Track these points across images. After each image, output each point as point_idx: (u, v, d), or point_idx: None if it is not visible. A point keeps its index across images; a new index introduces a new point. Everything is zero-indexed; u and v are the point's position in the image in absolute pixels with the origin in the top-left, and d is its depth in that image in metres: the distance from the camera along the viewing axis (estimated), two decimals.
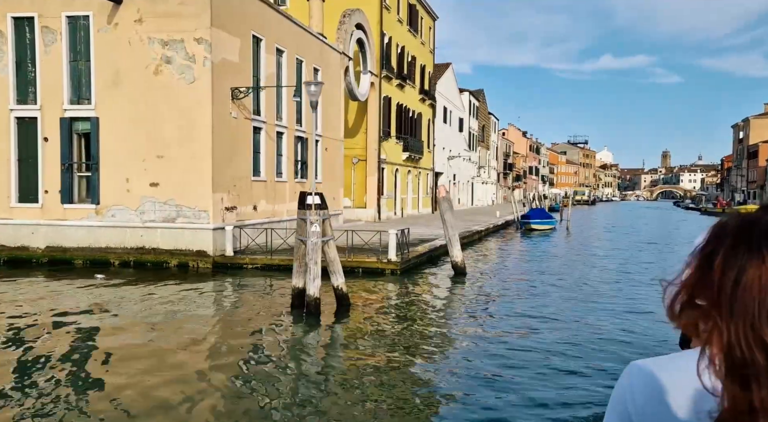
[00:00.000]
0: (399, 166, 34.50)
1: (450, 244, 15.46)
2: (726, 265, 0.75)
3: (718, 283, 0.75)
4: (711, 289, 0.76)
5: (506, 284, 15.06)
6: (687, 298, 0.79)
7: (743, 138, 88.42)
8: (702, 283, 0.78)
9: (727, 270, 0.75)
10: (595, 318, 11.11)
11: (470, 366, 8.01)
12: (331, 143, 24.14)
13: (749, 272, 0.73)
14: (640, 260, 21.26)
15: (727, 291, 0.74)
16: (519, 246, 25.66)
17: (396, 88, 33.48)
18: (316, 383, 7.32)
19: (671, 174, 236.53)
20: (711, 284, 0.76)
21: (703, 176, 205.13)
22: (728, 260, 0.75)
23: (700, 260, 0.80)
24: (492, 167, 73.83)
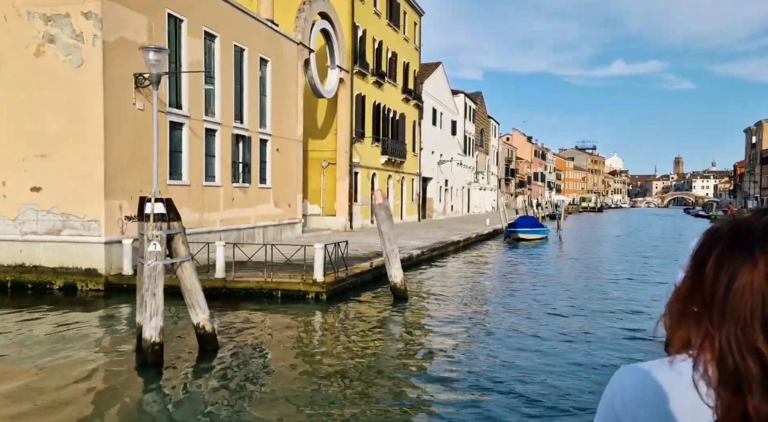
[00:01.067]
0: (377, 170, 31.78)
1: (387, 262, 12.67)
2: (718, 269, 0.74)
3: (710, 288, 0.74)
4: (703, 294, 0.74)
5: (454, 313, 12.09)
6: (680, 306, 0.77)
7: (756, 143, 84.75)
8: (694, 289, 0.76)
9: (719, 275, 0.73)
10: (572, 380, 7.70)
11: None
12: (285, 144, 21.48)
13: (742, 276, 0.71)
14: (634, 277, 18.34)
15: (720, 296, 0.72)
16: (496, 260, 22.76)
17: (373, 87, 30.82)
18: None
19: (683, 180, 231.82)
20: (703, 290, 0.75)
21: (716, 182, 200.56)
22: (721, 265, 0.74)
23: (693, 265, 0.78)
24: (492, 173, 70.92)
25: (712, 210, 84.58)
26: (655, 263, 22.51)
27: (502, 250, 26.86)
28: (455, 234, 27.53)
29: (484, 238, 30.83)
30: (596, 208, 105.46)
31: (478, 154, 62.34)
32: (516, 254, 25.04)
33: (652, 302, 13.35)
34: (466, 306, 12.75)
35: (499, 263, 21.15)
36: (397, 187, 35.37)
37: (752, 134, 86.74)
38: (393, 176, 34.39)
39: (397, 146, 34.45)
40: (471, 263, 20.76)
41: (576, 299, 13.76)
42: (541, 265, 21.46)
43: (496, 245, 29.23)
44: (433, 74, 42.84)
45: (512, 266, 20.75)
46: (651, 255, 26.00)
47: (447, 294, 14.11)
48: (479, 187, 61.18)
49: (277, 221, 20.82)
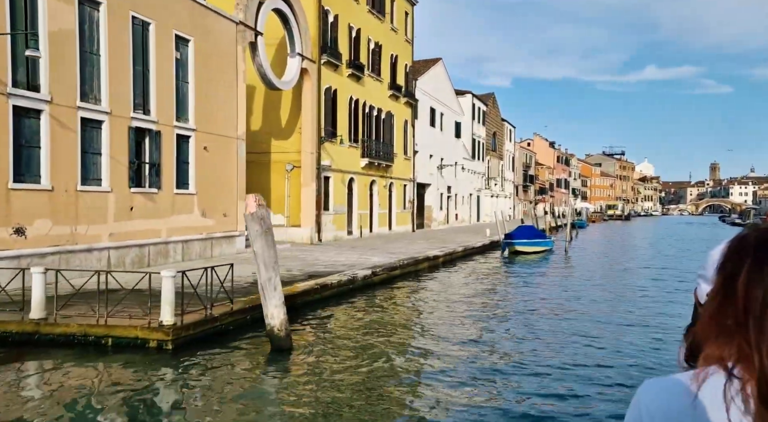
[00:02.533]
0: (355, 174, 28.05)
1: (263, 297, 8.87)
2: (751, 285, 0.71)
3: (744, 305, 0.71)
4: (736, 311, 0.72)
5: (352, 378, 8.15)
6: (712, 323, 0.74)
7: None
8: (725, 306, 0.73)
9: (752, 291, 0.71)
10: None
11: None
12: (218, 141, 17.95)
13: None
14: (649, 311, 14.15)
15: (756, 313, 0.69)
16: (473, 282, 18.55)
17: (349, 80, 27.17)
18: None
19: (719, 187, 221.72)
20: (736, 306, 0.72)
21: (755, 188, 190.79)
22: (753, 280, 0.71)
23: (721, 279, 0.75)
24: (507, 179, 66.48)
25: (749, 218, 78.16)
26: (672, 286, 18.17)
27: (492, 267, 22.75)
28: (438, 248, 23.57)
29: (476, 252, 26.73)
30: (623, 216, 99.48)
31: (489, 159, 58.11)
32: (506, 273, 20.92)
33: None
34: (375, 364, 8.80)
35: (474, 288, 17.11)
36: (383, 194, 31.56)
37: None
38: (378, 181, 30.60)
39: (382, 148, 30.68)
40: (434, 289, 16.75)
41: (560, 358, 9.37)
42: (530, 291, 17.31)
43: (488, 260, 25.12)
44: (430, 71, 39.00)
45: (489, 292, 16.67)
46: (669, 275, 21.58)
47: (359, 342, 10.08)
48: (491, 194, 56.87)
49: (205, 234, 17.25)
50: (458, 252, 24.24)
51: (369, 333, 10.62)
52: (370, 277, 15.93)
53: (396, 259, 18.91)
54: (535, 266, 23.50)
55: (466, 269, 21.42)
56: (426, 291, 15.96)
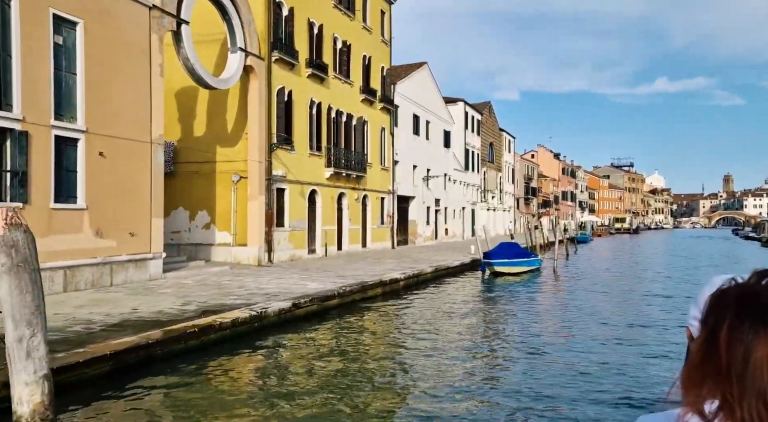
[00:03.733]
0: (318, 186, 24.95)
1: (10, 368, 5.70)
2: (732, 341, 0.73)
3: (727, 359, 0.73)
4: (719, 365, 0.73)
5: None
6: (695, 373, 0.76)
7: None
8: (708, 358, 0.75)
9: (734, 346, 0.72)
10: None
11: None
12: (121, 146, 14.94)
13: (758, 349, 0.71)
14: (643, 354, 10.78)
15: (738, 369, 0.71)
16: (431, 318, 15.07)
17: (309, 81, 24.19)
18: None
19: (733, 199, 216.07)
20: (719, 360, 0.74)
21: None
22: (734, 336, 0.73)
23: (704, 334, 0.77)
24: (507, 192, 63.12)
25: (763, 231, 73.71)
26: (674, 320, 14.74)
27: (464, 293, 19.38)
28: (400, 270, 20.31)
29: (453, 272, 23.41)
30: (631, 229, 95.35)
31: (486, 170, 54.88)
32: (476, 302, 17.53)
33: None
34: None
35: (425, 327, 13.80)
36: (355, 207, 28.40)
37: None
38: (348, 193, 27.47)
39: (354, 157, 27.60)
40: (373, 328, 13.42)
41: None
42: (497, 329, 13.98)
43: (464, 283, 21.78)
44: (413, 75, 36.00)
45: (443, 333, 13.35)
46: (671, 306, 18.11)
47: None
48: (487, 207, 53.51)
49: (101, 258, 14.18)
50: (426, 274, 20.94)
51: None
52: (290, 310, 12.72)
53: (339, 285, 15.69)
54: (514, 290, 20.11)
55: (432, 296, 18.11)
56: (358, 332, 12.68)
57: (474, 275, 23.83)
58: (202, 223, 21.81)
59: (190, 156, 21.64)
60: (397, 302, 16.55)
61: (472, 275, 23.86)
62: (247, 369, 9.39)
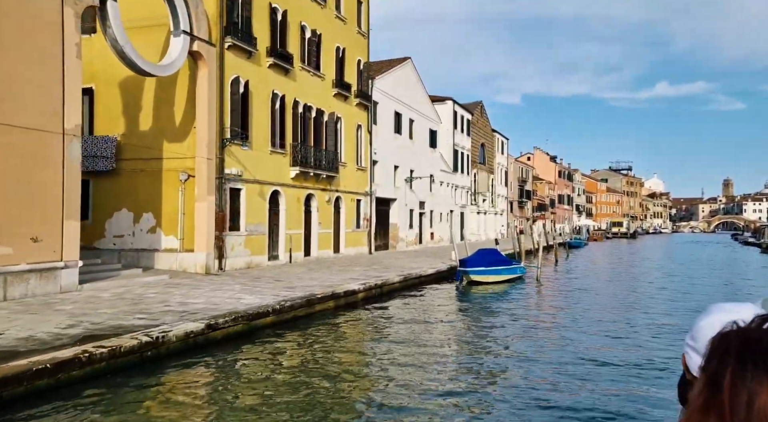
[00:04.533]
0: (281, 186, 22.83)
1: None
2: (734, 387, 0.72)
3: (730, 406, 0.72)
4: (722, 412, 0.72)
5: None
6: (698, 419, 0.75)
7: None
8: (710, 405, 0.74)
9: (736, 393, 0.72)
10: None
11: None
12: (19, 137, 12.80)
13: (761, 397, 0.70)
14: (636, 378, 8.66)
15: (741, 416, 0.71)
16: (381, 337, 12.84)
17: (271, 72, 22.10)
18: None
19: (733, 203, 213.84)
20: (721, 406, 0.73)
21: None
22: (736, 382, 0.72)
23: (705, 379, 0.76)
24: (499, 195, 61.00)
25: (763, 236, 71.41)
26: (666, 347, 12.59)
27: (433, 305, 17.21)
28: (362, 280, 18.15)
29: (423, 281, 21.26)
30: (628, 234, 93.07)
31: (477, 172, 52.77)
32: (432, 321, 15.31)
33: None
34: None
35: (359, 352, 11.65)
36: (326, 210, 26.27)
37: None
38: (317, 195, 25.34)
39: (325, 156, 25.48)
40: (307, 354, 11.29)
41: None
42: (464, 352, 11.85)
43: (437, 293, 19.63)
44: (395, 71, 33.91)
45: (372, 362, 11.21)
46: (665, 327, 15.95)
47: None
48: (477, 210, 51.36)
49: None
50: (393, 284, 18.78)
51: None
52: (203, 333, 10.59)
53: (280, 299, 13.55)
54: (486, 305, 17.93)
55: (390, 312, 15.95)
56: (274, 365, 10.51)
57: (450, 284, 21.69)
58: (147, 226, 19.70)
59: (134, 152, 19.55)
60: (348, 318, 14.38)
61: (448, 284, 21.72)
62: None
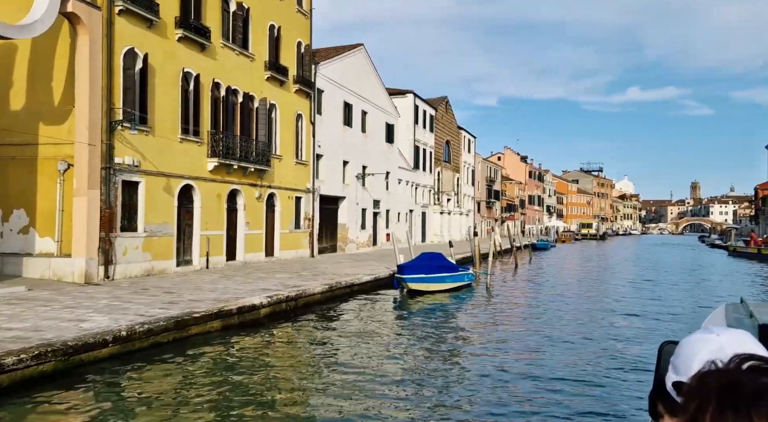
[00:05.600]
0: (196, 180, 19.56)
1: None
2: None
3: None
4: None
5: None
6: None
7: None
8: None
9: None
10: None
11: None
12: None
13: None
14: None
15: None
16: (235, 374, 9.71)
17: (182, 46, 18.81)
18: None
19: (700, 206, 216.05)
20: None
21: (735, 207, 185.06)
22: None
23: (686, 421, 0.77)
24: (466, 195, 58.37)
25: (730, 239, 70.19)
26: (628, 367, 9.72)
27: (345, 323, 14.15)
28: (273, 291, 14.99)
29: (357, 291, 18.20)
30: (598, 235, 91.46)
31: (441, 170, 49.99)
32: (342, 345, 12.25)
33: None
34: None
35: (222, 393, 8.58)
36: (256, 208, 23.04)
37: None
38: (243, 191, 22.11)
39: (252, 147, 22.25)
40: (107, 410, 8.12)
41: None
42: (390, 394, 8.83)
43: (358, 307, 16.59)
44: (343, 58, 30.81)
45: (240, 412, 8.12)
46: (626, 342, 13.13)
47: None
48: (440, 210, 48.57)
49: None
50: (313, 295, 15.62)
51: None
52: None
53: (140, 320, 10.32)
54: (426, 318, 14.94)
55: (299, 331, 12.84)
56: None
57: (389, 294, 18.70)
58: (18, 226, 16.27)
59: (3, 137, 16.11)
60: (229, 344, 11.19)
61: (387, 293, 18.71)
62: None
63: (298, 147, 26.24)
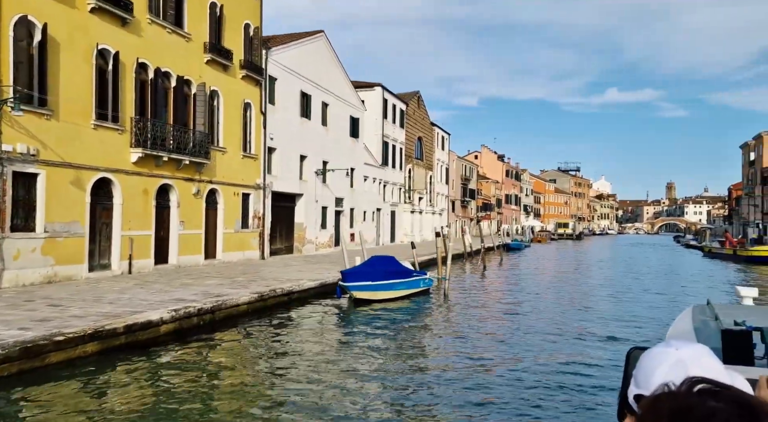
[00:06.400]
0: (116, 173, 17.01)
1: None
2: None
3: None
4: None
5: None
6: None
7: (755, 159, 70.28)
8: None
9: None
10: None
11: None
12: None
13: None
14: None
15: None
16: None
17: (96, 18, 16.22)
18: None
19: (675, 206, 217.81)
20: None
21: (709, 207, 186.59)
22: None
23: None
24: (439, 193, 56.31)
25: (704, 239, 69.20)
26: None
27: (268, 342, 11.82)
28: (188, 301, 12.60)
29: (295, 299, 15.85)
30: (574, 235, 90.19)
31: (412, 168, 47.81)
32: (248, 375, 9.97)
33: None
34: None
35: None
36: (193, 205, 20.55)
37: (750, 149, 72.27)
38: (177, 186, 19.60)
39: (186, 137, 19.76)
40: None
41: None
42: None
43: (296, 319, 14.26)
44: (301, 44, 28.40)
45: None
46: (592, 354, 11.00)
47: None
48: (411, 209, 46.39)
49: None
50: (238, 305, 13.22)
51: None
52: None
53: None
54: (371, 331, 12.67)
55: (206, 353, 10.49)
56: None
57: (334, 302, 16.40)
58: None
59: None
60: (104, 377, 8.77)
61: (331, 302, 16.41)
62: None
63: (246, 139, 23.79)
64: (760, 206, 68.86)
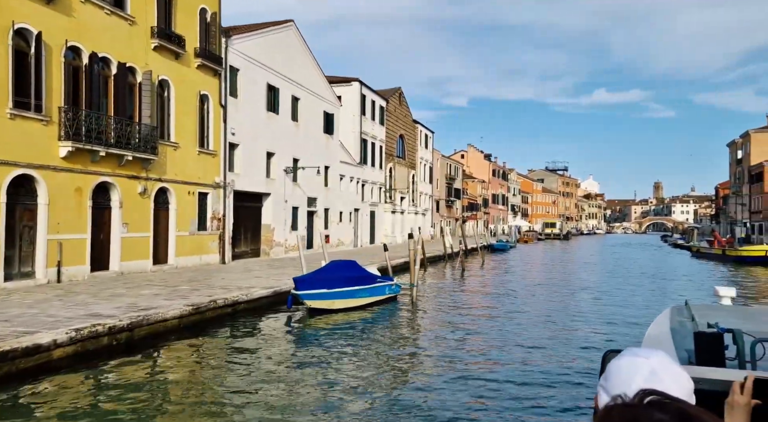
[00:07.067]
0: (40, 170, 15.00)
1: None
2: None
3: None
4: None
5: None
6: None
7: (742, 158, 69.19)
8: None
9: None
10: None
11: None
12: None
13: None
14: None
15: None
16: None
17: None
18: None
19: (663, 205, 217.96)
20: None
21: (695, 207, 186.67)
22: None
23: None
24: (423, 193, 54.52)
25: (692, 238, 67.94)
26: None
27: (186, 370, 9.90)
28: (105, 317, 10.63)
29: (238, 311, 13.90)
30: (561, 235, 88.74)
31: (394, 167, 45.96)
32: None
33: None
34: None
35: None
36: (139, 206, 18.53)
37: (738, 147, 71.19)
38: (119, 184, 17.58)
39: (129, 130, 17.75)
40: None
41: None
42: None
43: (237, 336, 12.35)
44: (265, 33, 26.43)
45: None
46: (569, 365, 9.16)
47: None
48: (392, 209, 44.53)
49: None
50: (165, 321, 11.23)
51: None
52: None
53: None
54: (322, 351, 10.80)
55: (102, 385, 8.54)
56: None
57: (289, 314, 14.47)
58: None
59: None
60: None
61: (287, 314, 14.49)
62: None
63: (203, 134, 21.81)
64: (747, 204, 67.71)
